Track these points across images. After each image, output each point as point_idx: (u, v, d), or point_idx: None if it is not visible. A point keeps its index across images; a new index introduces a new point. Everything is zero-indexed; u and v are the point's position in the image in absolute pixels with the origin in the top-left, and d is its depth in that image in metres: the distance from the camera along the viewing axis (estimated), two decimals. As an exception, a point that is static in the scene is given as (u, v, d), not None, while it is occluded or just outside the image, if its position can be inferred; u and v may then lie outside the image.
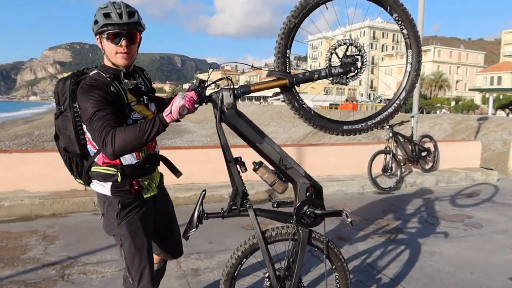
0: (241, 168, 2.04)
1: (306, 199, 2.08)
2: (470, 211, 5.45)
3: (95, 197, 4.95)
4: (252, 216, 2.07)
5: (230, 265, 2.16)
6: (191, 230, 2.00)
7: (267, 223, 3.39)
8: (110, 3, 1.86)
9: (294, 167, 2.09)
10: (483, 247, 4.07)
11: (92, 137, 1.82)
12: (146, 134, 1.68)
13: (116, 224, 1.97)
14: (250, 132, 2.04)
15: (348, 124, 2.20)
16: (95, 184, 2.00)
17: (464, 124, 18.31)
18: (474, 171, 7.59)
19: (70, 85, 1.88)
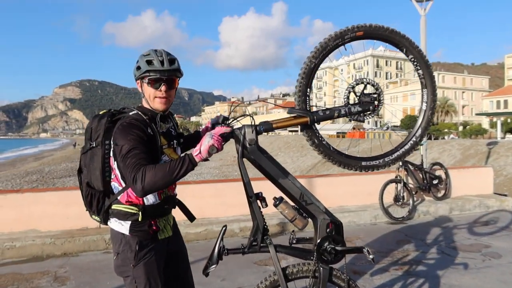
0: (261, 204, 2.05)
1: (327, 235, 2.07)
2: (487, 240, 5.32)
3: (106, 235, 4.99)
4: (272, 253, 2.05)
5: None
6: (212, 266, 1.99)
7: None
8: (152, 51, 1.94)
9: (314, 203, 2.10)
10: (504, 278, 3.95)
11: (123, 173, 1.84)
12: (175, 172, 1.71)
13: (131, 266, 1.93)
14: (272, 168, 2.06)
15: (367, 161, 2.26)
16: (113, 222, 1.99)
17: (474, 149, 18.17)
18: (488, 198, 7.47)
19: (106, 123, 1.92)
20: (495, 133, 44.59)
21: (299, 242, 2.21)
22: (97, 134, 1.93)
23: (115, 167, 1.93)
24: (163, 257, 2.06)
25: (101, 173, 1.92)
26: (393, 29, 2.19)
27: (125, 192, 1.93)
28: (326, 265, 2.09)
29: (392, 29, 2.20)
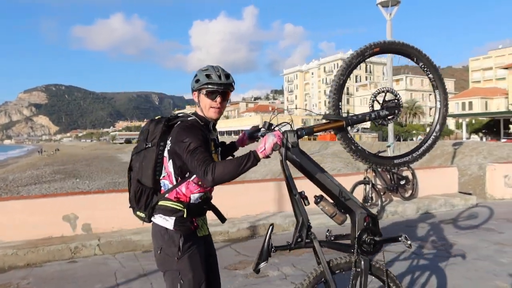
0: (304, 201, 2.19)
1: (365, 227, 2.28)
2: (452, 238, 5.48)
3: (71, 243, 4.82)
4: (317, 247, 2.22)
5: None
6: (262, 262, 2.13)
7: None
8: (211, 66, 2.18)
9: (352, 198, 2.30)
10: (468, 275, 4.07)
11: (191, 166, 2.00)
12: (241, 166, 1.93)
13: (176, 259, 2.07)
14: (313, 168, 2.27)
15: (398, 158, 2.60)
16: (157, 218, 2.12)
17: (440, 150, 18.74)
18: (453, 197, 7.71)
19: (163, 127, 2.11)
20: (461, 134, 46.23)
21: (337, 239, 2.43)
22: (153, 136, 2.10)
23: (169, 165, 2.10)
24: (203, 254, 2.18)
25: (153, 171, 2.09)
26: (403, 42, 2.51)
27: (175, 190, 2.10)
28: (366, 256, 2.28)
29: (403, 43, 2.51)
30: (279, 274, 4.17)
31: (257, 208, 6.23)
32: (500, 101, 62.20)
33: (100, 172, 35.80)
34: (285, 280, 4.00)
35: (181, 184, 2.08)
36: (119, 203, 5.46)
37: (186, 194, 2.10)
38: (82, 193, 5.76)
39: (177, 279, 2.08)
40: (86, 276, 4.21)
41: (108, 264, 4.60)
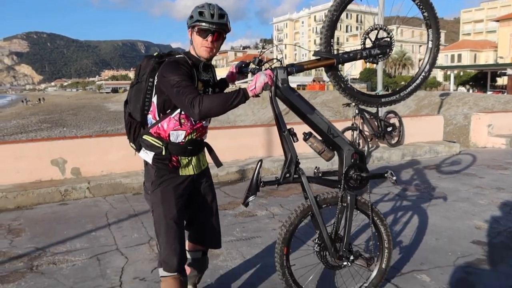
0: (293, 138, 2.24)
1: (352, 164, 2.33)
2: (434, 182, 5.66)
3: (61, 186, 4.86)
4: (305, 182, 2.29)
5: (285, 230, 2.30)
6: (251, 196, 2.18)
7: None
8: (206, 4, 2.11)
9: (340, 135, 2.34)
10: (447, 215, 4.25)
11: (176, 101, 1.99)
12: (230, 102, 1.93)
13: (150, 192, 2.17)
14: (302, 105, 2.28)
15: (385, 97, 2.60)
16: (142, 152, 2.16)
17: (427, 100, 18.88)
18: (438, 144, 7.87)
19: (153, 63, 2.11)
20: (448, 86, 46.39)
21: (325, 175, 2.50)
22: (144, 72, 2.12)
23: (154, 101, 2.11)
24: (183, 193, 2.19)
25: (141, 106, 2.11)
26: None
27: (156, 126, 2.12)
28: (352, 192, 2.36)
29: None
30: (267, 213, 4.29)
31: (246, 153, 6.30)
32: (489, 54, 61.97)
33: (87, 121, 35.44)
34: (272, 218, 4.13)
35: (163, 120, 2.10)
36: (108, 148, 5.47)
37: (166, 130, 2.11)
38: (69, 138, 5.71)
39: (151, 211, 2.18)
40: (77, 217, 4.28)
41: (98, 206, 4.68)
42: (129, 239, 3.63)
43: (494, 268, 3.06)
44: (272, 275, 2.89)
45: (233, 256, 3.24)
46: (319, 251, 2.41)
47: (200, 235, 2.37)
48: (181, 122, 2.09)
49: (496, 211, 4.35)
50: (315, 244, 2.42)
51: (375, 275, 2.56)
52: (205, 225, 2.36)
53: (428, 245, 3.46)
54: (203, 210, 2.33)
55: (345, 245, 2.40)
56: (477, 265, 3.10)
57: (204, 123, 2.21)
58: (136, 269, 3.06)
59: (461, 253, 3.30)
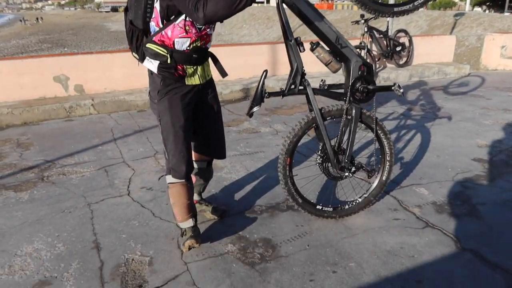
0: (299, 48, 2.16)
1: (359, 76, 2.28)
2: (441, 102, 5.60)
3: (65, 103, 4.86)
4: (310, 93, 2.26)
5: (288, 142, 2.32)
6: (256, 106, 2.18)
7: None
8: None
9: (348, 46, 2.26)
10: (449, 133, 4.26)
11: (181, 6, 1.90)
12: (235, 4, 1.82)
13: (156, 101, 2.13)
14: (310, 12, 2.17)
15: (398, 6, 2.46)
16: (146, 61, 2.11)
17: (440, 20, 18.03)
18: (447, 66, 7.66)
19: None
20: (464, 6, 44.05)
21: (331, 88, 2.45)
22: None
23: (157, 6, 1.99)
24: (189, 102, 2.18)
25: (143, 12, 2.00)
26: None
27: (160, 33, 2.03)
28: (358, 104, 2.33)
29: None
30: (271, 130, 4.33)
31: (251, 71, 6.18)
32: (512, -30, 57.84)
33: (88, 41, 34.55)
34: (276, 135, 4.17)
35: (167, 27, 2.01)
36: (110, 64, 5.37)
37: (171, 38, 2.02)
38: (70, 54, 5.58)
39: (158, 120, 2.17)
40: (83, 132, 4.34)
41: (103, 122, 4.72)
42: (135, 153, 3.71)
43: (492, 183, 3.13)
44: (274, 187, 2.99)
45: (237, 169, 3.32)
46: (322, 162, 2.45)
47: (206, 145, 2.40)
48: (186, 29, 2.00)
49: (499, 131, 4.35)
50: (317, 156, 2.46)
51: (375, 186, 2.63)
52: (210, 135, 2.38)
53: (429, 162, 3.52)
54: (209, 121, 2.34)
55: (348, 157, 2.43)
56: (475, 180, 3.17)
57: (208, 30, 2.12)
58: (143, 179, 3.16)
59: (461, 169, 3.35)
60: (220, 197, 2.86)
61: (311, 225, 2.52)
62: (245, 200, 2.83)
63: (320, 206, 2.52)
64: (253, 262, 2.17)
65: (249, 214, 2.65)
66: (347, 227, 2.51)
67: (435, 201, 2.84)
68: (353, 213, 2.60)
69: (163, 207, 2.74)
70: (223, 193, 2.93)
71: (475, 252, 2.27)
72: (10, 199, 2.87)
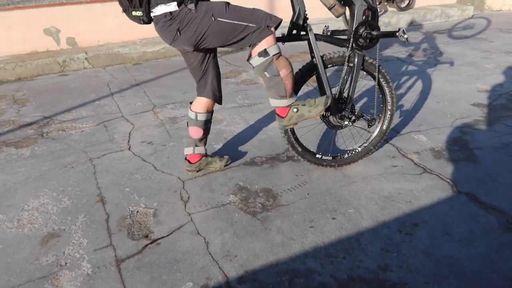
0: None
1: (363, 21, 2.21)
2: (442, 47, 5.49)
3: (58, 57, 4.77)
4: (312, 39, 2.20)
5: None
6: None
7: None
8: None
9: None
10: (450, 78, 4.22)
11: None
12: None
13: (194, 13, 1.99)
14: None
15: None
16: (157, 9, 1.99)
17: (444, -41, 17.21)
18: (450, 7, 7.41)
19: None
20: None
21: (334, 34, 2.39)
22: None
23: None
24: None
25: None
26: None
27: None
28: (361, 51, 2.28)
29: None
30: (269, 81, 4.27)
31: (247, 19, 5.98)
32: None
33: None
34: (274, 86, 4.12)
35: None
36: (102, 15, 5.19)
37: None
38: (59, 4, 5.37)
39: (209, 20, 2.00)
40: (79, 87, 4.28)
41: (99, 76, 4.64)
42: (133, 107, 3.69)
43: (490, 127, 3.14)
44: (274, 138, 3.00)
45: (236, 121, 3.32)
46: None
47: (212, 85, 2.37)
48: None
49: (500, 74, 4.30)
50: None
51: (375, 135, 2.63)
52: (217, 72, 2.38)
53: (429, 108, 3.51)
54: (214, 57, 2.35)
55: (348, 105, 2.42)
56: (474, 125, 3.18)
57: None
58: (142, 134, 3.17)
59: (460, 115, 3.35)
60: (220, 150, 2.88)
61: (311, 174, 2.56)
62: (245, 152, 2.86)
63: (320, 155, 2.54)
64: (255, 211, 2.22)
65: (250, 165, 2.69)
66: (346, 175, 2.55)
67: (433, 147, 2.87)
68: (353, 162, 2.63)
69: (164, 161, 2.77)
70: (223, 145, 2.95)
71: (470, 195, 2.33)
72: (12, 156, 2.90)
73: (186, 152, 2.52)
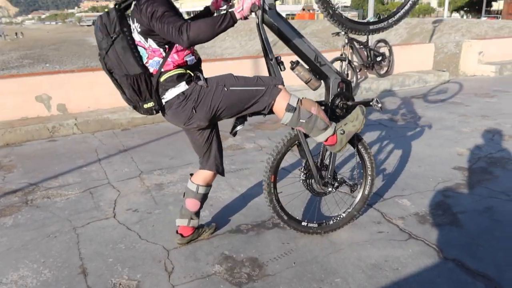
0: (280, 67, 2.22)
1: (338, 92, 2.34)
2: (421, 111, 5.73)
3: (48, 123, 4.84)
4: None
5: (272, 159, 2.35)
6: (239, 125, 2.26)
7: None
8: None
9: (327, 64, 2.34)
10: (430, 142, 4.37)
11: (164, 30, 1.92)
12: (217, 26, 1.90)
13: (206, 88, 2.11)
14: (289, 31, 2.24)
15: (374, 24, 2.59)
16: (168, 93, 2.10)
17: (419, 28, 18.45)
18: (427, 74, 7.84)
19: (116, 13, 2.02)
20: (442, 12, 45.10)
21: None
22: (113, 26, 2.01)
23: (150, 45, 2.05)
24: None
25: (134, 57, 2.03)
26: None
27: (168, 60, 2.07)
28: (338, 120, 2.37)
29: None
30: (255, 146, 4.37)
31: (234, 86, 6.22)
32: (486, -24, 59.57)
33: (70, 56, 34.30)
34: (260, 151, 4.22)
35: (172, 52, 2.07)
36: (93, 83, 5.36)
37: (180, 58, 2.09)
38: (52, 73, 5.55)
39: (222, 91, 2.11)
40: (67, 153, 4.31)
41: (87, 142, 4.70)
42: (120, 173, 3.71)
43: (471, 191, 3.21)
44: (260, 204, 3.02)
45: (222, 187, 3.34)
46: (305, 179, 2.50)
47: (215, 157, 2.42)
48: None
49: (478, 138, 4.47)
50: (301, 172, 2.50)
51: (358, 201, 2.68)
52: (218, 144, 2.45)
53: (411, 172, 3.60)
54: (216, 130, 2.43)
55: (330, 172, 2.48)
56: (456, 189, 3.25)
57: None
58: (128, 201, 3.16)
59: (442, 179, 3.44)
60: (206, 217, 2.88)
61: (297, 242, 2.55)
62: (231, 219, 2.85)
63: (306, 223, 2.56)
64: (241, 282, 2.19)
65: (236, 233, 2.67)
66: (332, 242, 2.55)
67: (417, 212, 2.91)
68: (338, 228, 2.65)
69: (149, 229, 2.74)
70: (209, 212, 2.95)
71: (457, 261, 2.33)
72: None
73: (179, 223, 2.49)
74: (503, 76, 8.57)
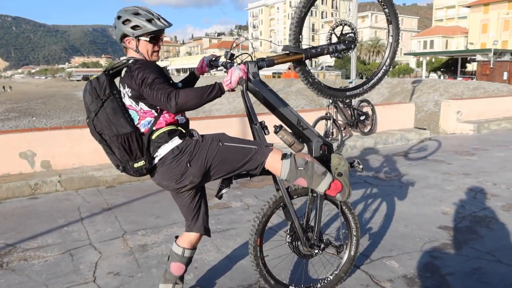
0: (264, 131, 2.29)
1: (321, 155, 2.39)
2: (404, 169, 5.83)
3: (30, 180, 4.75)
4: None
5: (258, 222, 2.34)
6: (224, 188, 2.29)
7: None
8: (143, 9, 2.13)
9: (309, 128, 2.42)
10: (415, 201, 4.40)
11: (153, 96, 1.97)
12: (205, 96, 1.98)
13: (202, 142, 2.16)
14: (273, 98, 2.33)
15: (350, 91, 2.79)
16: (161, 150, 2.11)
17: (400, 87, 19.28)
18: (409, 132, 8.08)
19: (106, 77, 2.09)
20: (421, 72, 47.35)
21: None
22: (103, 89, 2.06)
23: (141, 108, 2.09)
24: None
25: (124, 118, 2.06)
26: None
27: (160, 119, 2.12)
28: None
29: None
30: (242, 204, 4.34)
31: (221, 143, 6.28)
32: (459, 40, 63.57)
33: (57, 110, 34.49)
34: (247, 210, 4.18)
35: (164, 112, 2.12)
36: (79, 139, 5.36)
37: (172, 117, 2.15)
38: (37, 130, 5.55)
39: (217, 146, 2.15)
40: (48, 211, 4.20)
41: (70, 199, 4.60)
42: (102, 233, 3.60)
43: (458, 251, 3.20)
44: (246, 266, 2.94)
45: (207, 248, 3.27)
46: (291, 241, 2.47)
47: (202, 217, 2.39)
48: None
49: (462, 196, 4.54)
50: (287, 235, 2.48)
51: (344, 262, 2.64)
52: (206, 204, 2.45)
53: (397, 232, 3.59)
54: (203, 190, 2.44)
55: (316, 234, 2.46)
56: (443, 249, 3.24)
57: None
58: (110, 263, 3.05)
59: (428, 239, 3.43)
60: (190, 281, 2.78)
61: (284, 307, 2.47)
62: (217, 282, 2.76)
63: (293, 287, 2.49)
64: None
65: (221, 297, 2.58)
66: (321, 308, 2.47)
67: (405, 274, 2.87)
68: (326, 292, 2.58)
69: (130, 294, 2.63)
70: (194, 275, 2.86)
71: (447, 328, 2.27)
72: (-36, 292, 2.69)
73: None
74: (481, 134, 8.87)
